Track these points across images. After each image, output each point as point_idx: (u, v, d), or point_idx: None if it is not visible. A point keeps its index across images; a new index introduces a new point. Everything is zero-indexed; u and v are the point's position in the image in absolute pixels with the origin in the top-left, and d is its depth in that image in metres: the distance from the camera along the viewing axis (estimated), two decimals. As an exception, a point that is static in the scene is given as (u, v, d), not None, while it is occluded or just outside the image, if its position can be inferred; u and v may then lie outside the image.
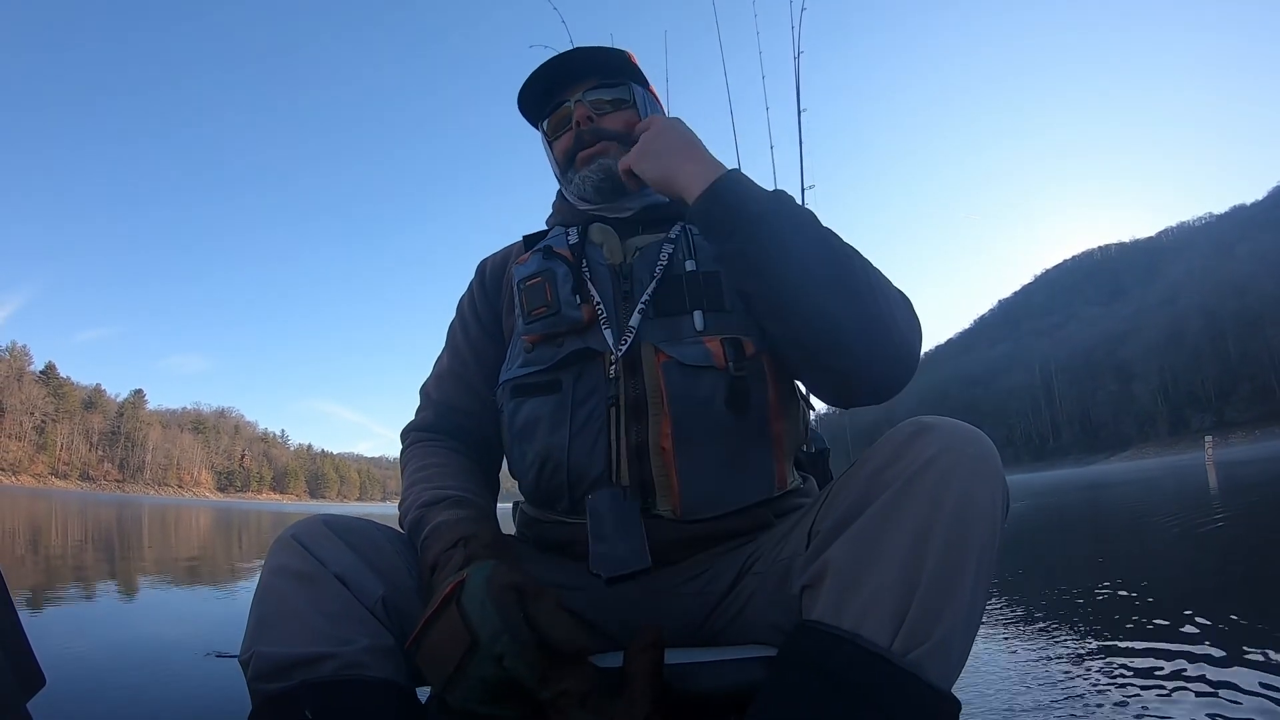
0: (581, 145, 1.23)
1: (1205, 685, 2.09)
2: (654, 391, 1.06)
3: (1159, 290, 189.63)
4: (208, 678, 2.53)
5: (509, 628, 0.81)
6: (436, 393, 1.31)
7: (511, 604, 0.83)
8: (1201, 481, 15.83)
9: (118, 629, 3.63)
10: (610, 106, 1.25)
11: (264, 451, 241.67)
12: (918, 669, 0.74)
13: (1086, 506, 13.24)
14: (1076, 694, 2.14)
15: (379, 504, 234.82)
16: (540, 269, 1.14)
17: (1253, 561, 4.62)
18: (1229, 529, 6.40)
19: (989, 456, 0.83)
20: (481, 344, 1.29)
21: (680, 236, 1.19)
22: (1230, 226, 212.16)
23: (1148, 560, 5.26)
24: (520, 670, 0.80)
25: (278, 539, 0.95)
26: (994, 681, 2.32)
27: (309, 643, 0.84)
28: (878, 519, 0.81)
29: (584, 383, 1.10)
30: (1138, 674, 2.27)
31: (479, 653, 0.80)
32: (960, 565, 0.76)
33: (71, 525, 14.88)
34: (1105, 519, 10.17)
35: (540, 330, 1.12)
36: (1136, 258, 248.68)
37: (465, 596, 0.84)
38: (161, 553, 8.88)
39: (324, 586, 0.88)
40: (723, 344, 1.06)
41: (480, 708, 0.81)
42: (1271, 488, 11.54)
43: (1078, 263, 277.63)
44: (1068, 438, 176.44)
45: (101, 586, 5.22)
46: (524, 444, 1.15)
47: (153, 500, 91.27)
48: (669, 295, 1.12)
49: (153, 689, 2.41)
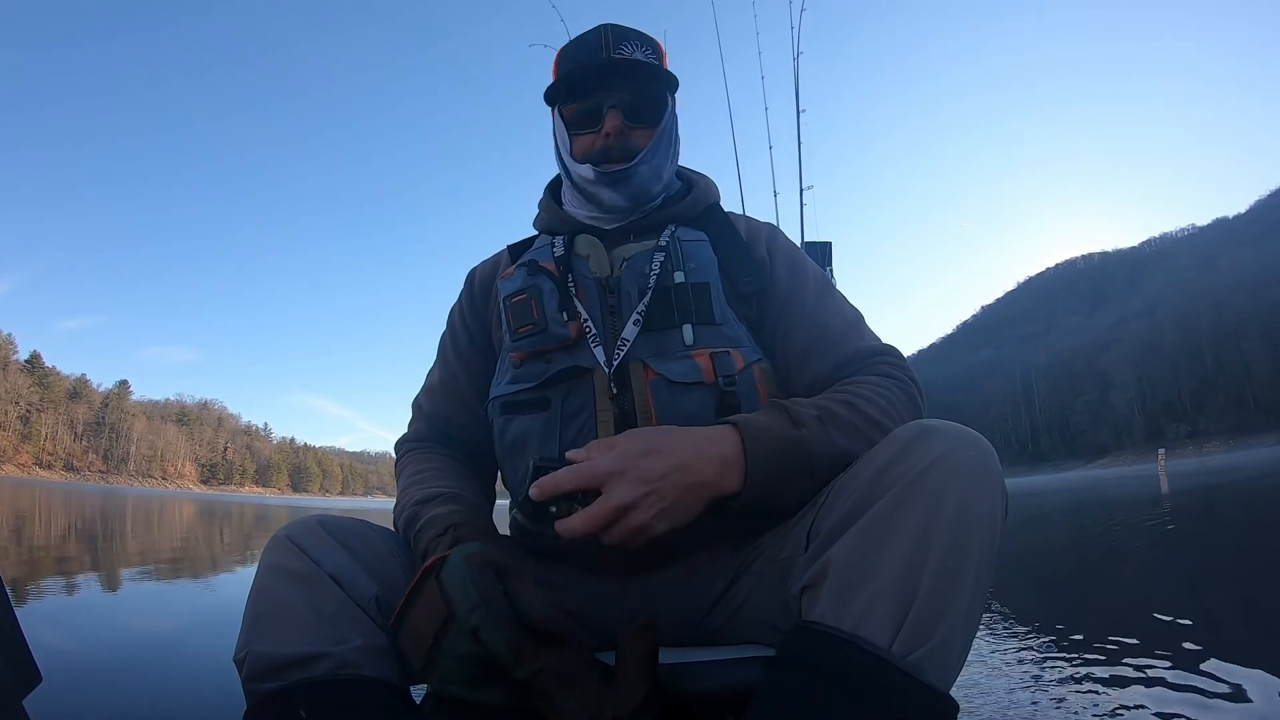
0: (608, 158, 1.20)
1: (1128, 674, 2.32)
2: (643, 407, 1.06)
3: (1140, 301, 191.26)
4: (202, 676, 2.59)
5: (485, 600, 0.80)
6: (428, 405, 1.31)
7: (490, 579, 0.83)
8: (1155, 488, 18.93)
9: (114, 627, 3.66)
10: (642, 122, 1.21)
11: (247, 444, 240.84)
12: (917, 671, 0.73)
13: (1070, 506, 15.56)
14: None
15: (362, 499, 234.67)
16: (525, 285, 1.13)
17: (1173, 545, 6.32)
18: (1173, 520, 8.93)
19: (990, 461, 0.83)
20: (471, 357, 1.29)
21: (670, 244, 1.16)
22: (1212, 239, 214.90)
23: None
24: (496, 645, 0.79)
25: (272, 539, 0.94)
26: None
27: (303, 642, 0.84)
28: (879, 521, 0.80)
29: (573, 400, 1.09)
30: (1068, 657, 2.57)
31: (455, 626, 0.80)
32: (960, 568, 0.76)
33: (66, 516, 15.32)
34: (1078, 514, 12.56)
35: (527, 348, 1.11)
36: (1119, 268, 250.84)
37: (445, 571, 0.84)
38: (156, 548, 8.97)
39: (318, 586, 0.88)
40: (712, 358, 1.06)
41: (462, 691, 0.81)
42: (1208, 491, 14.94)
43: (1061, 271, 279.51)
44: (1046, 444, 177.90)
45: (97, 582, 5.28)
46: (515, 459, 1.14)
47: (137, 492, 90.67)
48: (658, 309, 1.10)
49: (148, 687, 2.47)
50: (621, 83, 1.20)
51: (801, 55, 3.86)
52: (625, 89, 1.20)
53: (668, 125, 1.23)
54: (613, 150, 1.19)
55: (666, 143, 1.24)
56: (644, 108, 1.21)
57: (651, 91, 1.22)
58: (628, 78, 1.19)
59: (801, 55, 3.86)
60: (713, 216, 1.27)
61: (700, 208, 1.28)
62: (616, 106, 1.19)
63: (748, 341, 1.12)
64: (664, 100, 1.23)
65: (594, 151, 1.21)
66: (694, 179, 1.32)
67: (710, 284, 1.12)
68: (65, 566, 6.12)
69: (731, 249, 1.20)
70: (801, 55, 3.86)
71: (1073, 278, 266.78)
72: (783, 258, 1.23)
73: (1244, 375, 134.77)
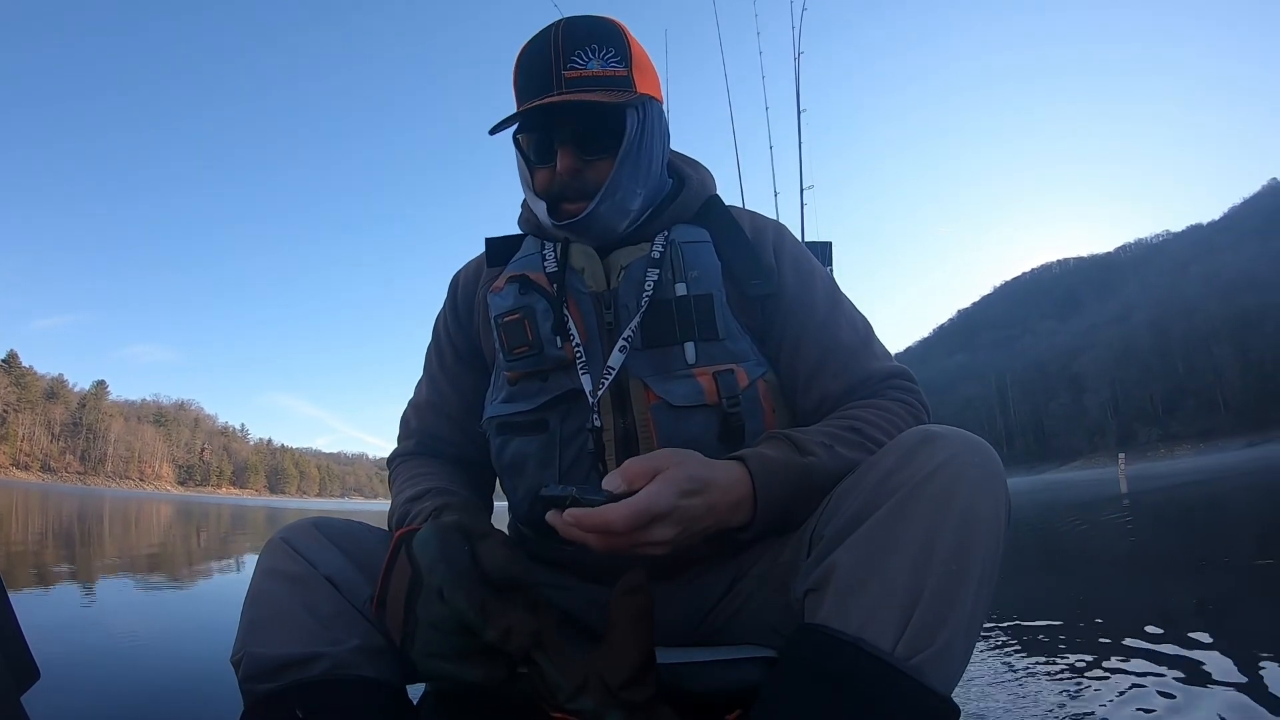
0: (565, 197, 1.11)
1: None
2: (644, 429, 1.04)
3: (1113, 306, 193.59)
4: (200, 677, 2.56)
5: (445, 556, 0.81)
6: (416, 422, 1.29)
7: (454, 539, 0.84)
8: (1116, 489, 19.95)
9: (114, 627, 3.62)
10: (598, 153, 1.10)
11: (224, 445, 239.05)
12: (921, 674, 0.74)
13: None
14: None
15: (339, 500, 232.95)
16: (517, 304, 1.08)
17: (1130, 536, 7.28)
18: (1130, 514, 10.35)
19: (993, 466, 0.83)
20: (458, 373, 1.26)
21: (666, 254, 1.10)
22: (1185, 245, 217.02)
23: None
24: (457, 600, 0.78)
25: (268, 542, 0.95)
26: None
27: (300, 643, 0.84)
28: (884, 525, 0.80)
29: (571, 421, 1.07)
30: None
31: (422, 587, 0.80)
32: (964, 573, 0.76)
33: (60, 518, 15.32)
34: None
35: (522, 369, 1.09)
36: (1093, 273, 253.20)
37: (415, 540, 0.85)
38: (150, 548, 9.02)
39: (314, 588, 0.88)
40: (715, 378, 1.04)
41: (445, 666, 0.80)
42: (1163, 492, 15.93)
43: (1036, 276, 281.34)
44: (1020, 447, 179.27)
45: (92, 582, 5.25)
46: (514, 478, 1.14)
47: (115, 493, 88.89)
48: (658, 325, 1.06)
49: (146, 686, 2.47)
50: (570, 113, 1.07)
51: (802, 55, 3.87)
52: (575, 120, 1.08)
53: (631, 148, 1.10)
54: (568, 190, 1.10)
55: (632, 167, 1.11)
56: (598, 137, 1.10)
57: (605, 117, 1.08)
58: (577, 108, 1.06)
59: (802, 55, 3.87)
60: (713, 210, 1.20)
61: (698, 204, 1.20)
62: (567, 143, 1.09)
63: (752, 354, 1.09)
64: (622, 123, 1.09)
65: (552, 190, 1.12)
66: (686, 174, 1.24)
67: (713, 295, 1.08)
68: (65, 566, 6.17)
69: (736, 248, 1.14)
70: (802, 55, 3.87)
71: (1048, 282, 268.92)
72: (790, 262, 1.18)
73: (1214, 380, 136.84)
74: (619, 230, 1.13)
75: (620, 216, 1.12)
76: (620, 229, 1.13)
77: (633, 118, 1.10)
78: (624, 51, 1.10)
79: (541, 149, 1.12)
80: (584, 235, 1.12)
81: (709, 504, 0.87)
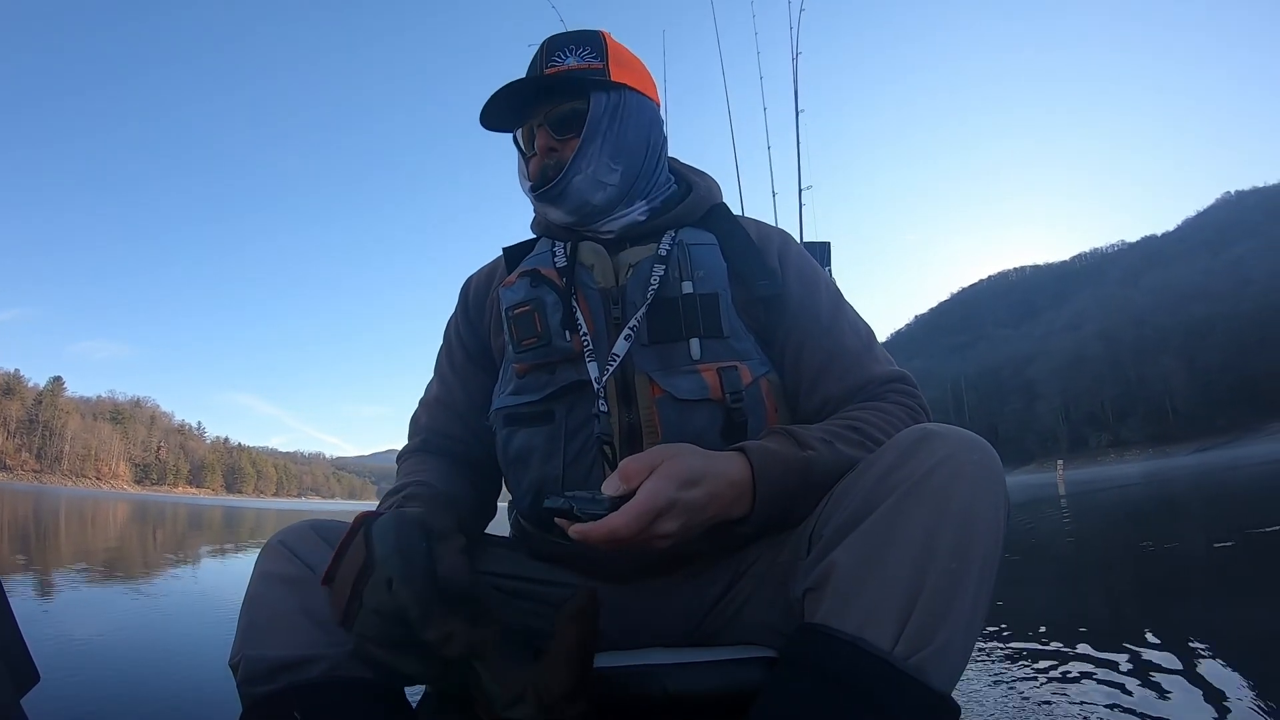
0: (545, 178, 1.16)
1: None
2: (648, 423, 1.05)
3: (1066, 315, 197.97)
4: (198, 680, 2.57)
5: (401, 550, 0.82)
6: (425, 419, 1.30)
7: (414, 535, 0.85)
8: (1054, 491, 21.70)
9: (114, 628, 3.64)
10: (568, 132, 1.16)
11: (181, 444, 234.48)
12: (920, 673, 0.74)
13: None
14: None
15: (296, 499, 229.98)
16: (528, 297, 1.11)
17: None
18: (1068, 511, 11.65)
19: (992, 464, 0.83)
20: (468, 373, 1.28)
21: (673, 253, 1.12)
22: (1139, 256, 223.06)
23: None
24: (405, 599, 0.79)
25: (266, 544, 0.95)
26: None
27: (298, 646, 0.85)
28: (883, 524, 0.80)
29: (576, 414, 1.08)
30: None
31: (372, 575, 0.81)
32: (963, 571, 0.76)
33: (59, 519, 15.32)
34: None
35: (531, 360, 1.11)
36: (1048, 281, 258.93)
37: (375, 525, 0.86)
38: (142, 550, 9.03)
39: (312, 591, 0.88)
40: (719, 373, 1.05)
41: (380, 653, 0.81)
42: (1100, 495, 17.54)
43: (993, 283, 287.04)
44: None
45: (96, 583, 5.26)
46: (518, 472, 1.15)
47: (71, 492, 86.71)
48: (663, 321, 1.08)
49: (145, 689, 2.47)
50: (545, 97, 1.16)
51: (800, 55, 3.90)
52: (549, 102, 1.16)
53: (596, 127, 1.15)
54: (548, 169, 1.16)
55: (601, 141, 1.15)
56: (568, 118, 1.16)
57: (575, 98, 1.16)
58: (550, 90, 1.15)
59: (800, 55, 3.90)
60: (718, 217, 1.23)
61: (704, 209, 1.24)
62: (543, 124, 1.16)
63: (756, 354, 1.11)
64: (586, 103, 1.15)
65: (537, 174, 1.18)
66: (693, 180, 1.28)
67: (719, 294, 1.10)
68: (62, 567, 6.19)
69: (741, 251, 1.17)
70: (800, 55, 3.90)
71: (1004, 290, 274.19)
72: (795, 269, 1.20)
73: (1163, 388, 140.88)
74: (595, 202, 1.16)
75: (593, 189, 1.15)
76: (596, 201, 1.16)
77: (600, 97, 1.15)
78: (600, 49, 1.17)
79: (529, 139, 1.19)
80: (560, 204, 1.16)
81: (710, 493, 0.88)
